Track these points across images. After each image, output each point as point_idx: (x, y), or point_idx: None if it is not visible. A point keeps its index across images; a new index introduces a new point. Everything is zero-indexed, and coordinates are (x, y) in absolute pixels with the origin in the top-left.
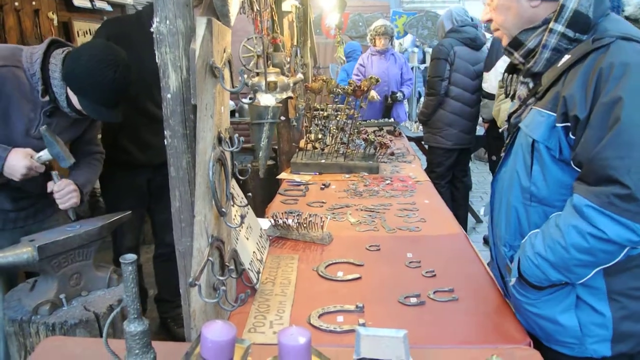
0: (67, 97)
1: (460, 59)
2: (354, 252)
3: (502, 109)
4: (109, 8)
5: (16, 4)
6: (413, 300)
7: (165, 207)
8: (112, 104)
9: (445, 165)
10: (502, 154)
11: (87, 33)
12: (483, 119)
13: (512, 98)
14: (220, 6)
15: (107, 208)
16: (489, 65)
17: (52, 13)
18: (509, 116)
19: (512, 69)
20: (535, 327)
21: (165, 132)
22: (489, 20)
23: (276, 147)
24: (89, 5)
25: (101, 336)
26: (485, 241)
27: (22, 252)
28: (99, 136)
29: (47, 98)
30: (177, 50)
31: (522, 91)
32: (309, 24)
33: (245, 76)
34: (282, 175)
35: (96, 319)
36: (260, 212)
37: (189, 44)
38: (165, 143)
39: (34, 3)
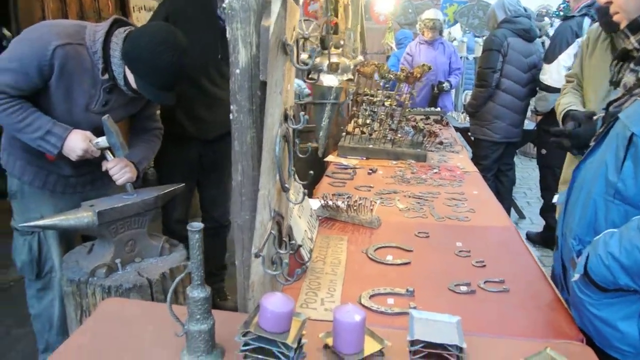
0: (125, 76)
1: (514, 50)
2: (402, 238)
3: (562, 102)
4: None
5: None
6: (463, 288)
7: (215, 183)
8: (168, 86)
9: (492, 158)
10: (592, 143)
11: (142, 9)
12: (537, 111)
13: (616, 86)
14: None
15: (159, 180)
16: (550, 56)
17: None
18: (608, 105)
19: (622, 56)
20: (590, 327)
21: (231, 107)
22: (609, 2)
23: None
24: None
25: (153, 300)
26: (529, 238)
27: (82, 216)
28: (158, 112)
29: (106, 76)
30: (248, 26)
31: (629, 79)
32: (360, 7)
33: (305, 55)
34: (330, 158)
35: (149, 284)
36: None
37: (259, 20)
38: (231, 117)
39: None
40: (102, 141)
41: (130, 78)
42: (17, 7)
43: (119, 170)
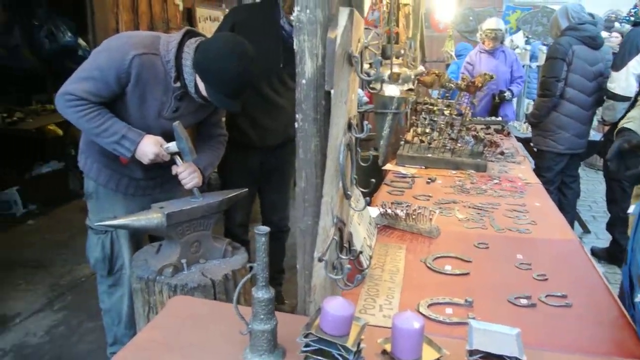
0: (196, 84)
1: (579, 58)
2: (461, 248)
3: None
4: None
5: None
6: (523, 301)
7: (275, 189)
8: (235, 94)
9: (555, 170)
10: None
11: (207, 19)
12: (604, 121)
13: None
14: None
15: (222, 185)
16: (618, 64)
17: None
18: None
19: None
20: None
21: (297, 116)
22: None
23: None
24: None
25: (215, 300)
26: (594, 253)
27: (152, 218)
28: (223, 119)
29: (178, 84)
30: (314, 38)
31: None
32: (420, 17)
33: (368, 66)
34: (388, 167)
35: (212, 285)
36: None
37: (325, 32)
38: (296, 126)
39: None
40: (172, 146)
41: (201, 86)
42: (94, 18)
43: (188, 175)
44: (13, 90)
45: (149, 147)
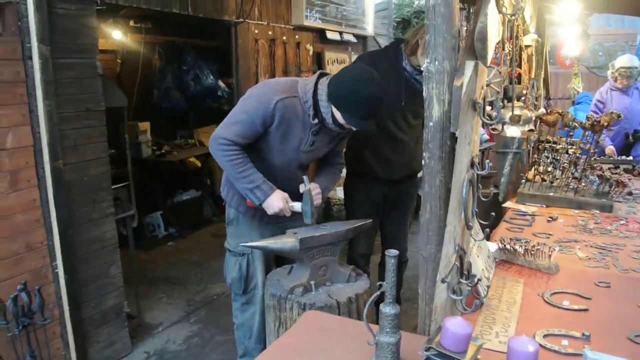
0: (332, 115)
1: None
2: (581, 286)
3: None
4: (354, 40)
5: (284, 38)
6: None
7: (396, 221)
8: (368, 115)
9: None
10: None
11: (335, 62)
12: None
13: None
14: (480, 49)
15: (346, 215)
16: None
17: (309, 45)
18: None
19: None
20: None
21: (424, 154)
22: None
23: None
24: (338, 38)
25: None
26: None
27: (287, 241)
28: (344, 150)
29: (316, 120)
30: (442, 86)
31: None
32: (544, 55)
33: (489, 108)
34: (508, 204)
35: (337, 305)
36: None
37: (452, 81)
38: (423, 163)
39: (296, 37)
40: (297, 206)
41: (337, 115)
42: (238, 64)
43: (314, 195)
44: (162, 126)
45: (276, 202)
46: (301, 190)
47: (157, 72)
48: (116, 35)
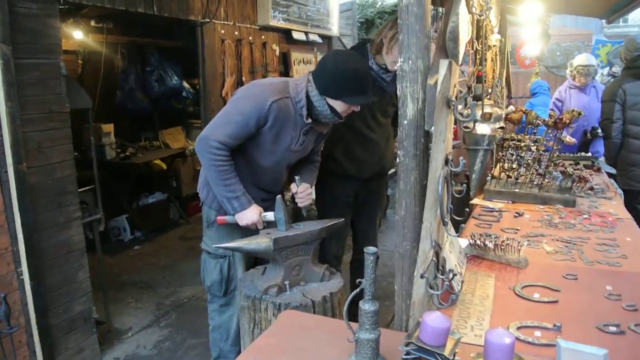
0: (330, 107)
1: (633, 95)
2: (549, 278)
3: None
4: (319, 40)
5: (250, 38)
6: (612, 328)
7: (366, 219)
8: (365, 88)
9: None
10: None
11: (301, 62)
12: None
13: None
14: (452, 48)
15: (319, 215)
16: None
17: (275, 45)
18: None
19: None
20: None
21: (399, 152)
22: None
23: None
24: (304, 38)
25: None
26: None
27: (261, 242)
28: (321, 148)
29: (309, 120)
30: (415, 84)
31: None
32: (506, 55)
33: (461, 106)
34: (476, 201)
35: (312, 305)
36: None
37: (425, 79)
38: (398, 161)
39: (262, 37)
40: (270, 215)
41: (336, 104)
42: (205, 64)
43: (305, 195)
44: (126, 128)
45: (251, 215)
46: (293, 190)
47: (120, 73)
48: (77, 35)
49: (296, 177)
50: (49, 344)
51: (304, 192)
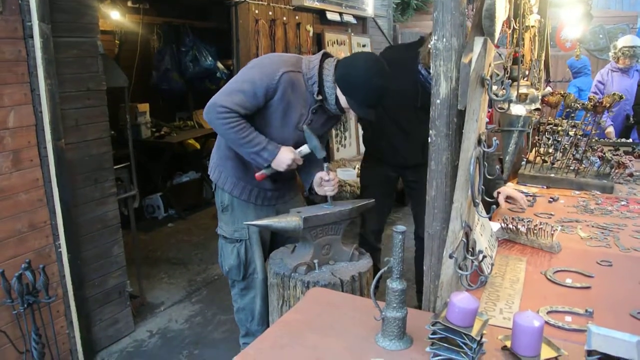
0: (336, 97)
1: None
2: (583, 264)
3: None
4: (353, 21)
5: (284, 18)
6: None
7: (416, 203)
8: (373, 105)
9: None
10: None
11: (335, 43)
12: None
13: None
14: (488, 26)
15: (361, 191)
16: None
17: (309, 26)
18: None
19: None
20: None
21: (430, 132)
22: None
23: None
24: (338, 18)
25: None
26: None
27: (291, 220)
28: (326, 141)
29: (320, 97)
30: (449, 63)
31: None
32: (546, 37)
33: (496, 87)
34: (509, 185)
35: (341, 284)
36: None
37: (459, 58)
38: (429, 140)
39: (297, 17)
40: (304, 148)
41: (342, 99)
42: (239, 45)
43: (333, 184)
44: (161, 108)
45: (286, 155)
46: (324, 177)
47: (156, 54)
48: (114, 15)
49: (325, 164)
50: (85, 315)
51: (333, 180)
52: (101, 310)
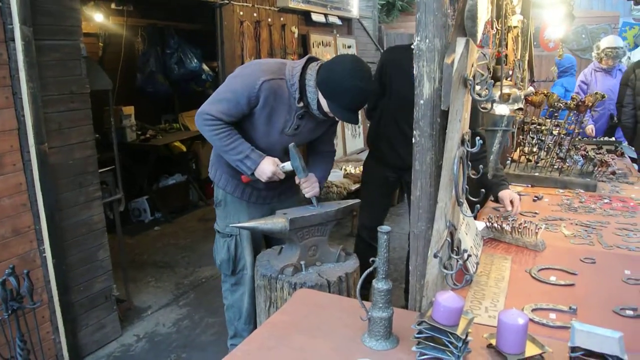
0: (318, 101)
1: None
2: (567, 262)
3: None
4: (339, 22)
5: (269, 20)
6: (629, 312)
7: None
8: (355, 108)
9: None
10: None
11: (320, 44)
12: None
13: None
14: (470, 27)
15: (360, 188)
16: None
17: (295, 27)
18: None
19: None
20: None
21: (414, 132)
22: None
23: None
24: (323, 20)
25: None
26: None
27: (277, 222)
28: (335, 138)
29: (301, 104)
30: (432, 64)
31: None
32: (529, 37)
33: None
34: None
35: (327, 284)
36: None
37: (442, 59)
38: (414, 141)
39: (282, 19)
40: (287, 165)
41: (323, 102)
42: (223, 47)
43: (310, 185)
44: (146, 110)
45: (267, 167)
46: (296, 182)
47: (140, 56)
48: (98, 18)
49: (300, 167)
50: (71, 320)
51: (307, 181)
52: (87, 315)
